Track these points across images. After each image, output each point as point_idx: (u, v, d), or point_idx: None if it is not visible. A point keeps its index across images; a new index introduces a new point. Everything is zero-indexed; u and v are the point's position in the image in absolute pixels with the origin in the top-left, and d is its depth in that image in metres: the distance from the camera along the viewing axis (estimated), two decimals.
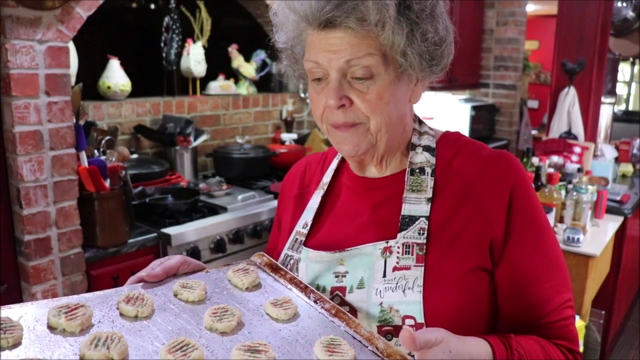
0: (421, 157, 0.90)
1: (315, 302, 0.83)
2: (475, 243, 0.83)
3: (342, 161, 1.01)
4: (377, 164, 0.92)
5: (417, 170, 0.89)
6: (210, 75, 3.20)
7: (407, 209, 0.87)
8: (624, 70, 6.77)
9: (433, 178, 0.88)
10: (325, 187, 0.99)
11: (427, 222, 0.85)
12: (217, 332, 0.75)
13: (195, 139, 2.87)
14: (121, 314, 0.77)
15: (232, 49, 3.32)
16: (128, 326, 0.74)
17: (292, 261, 0.95)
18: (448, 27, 0.85)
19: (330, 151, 1.06)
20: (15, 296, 1.87)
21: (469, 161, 0.89)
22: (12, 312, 0.73)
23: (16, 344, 0.66)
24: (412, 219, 0.85)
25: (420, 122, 0.96)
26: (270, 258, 0.95)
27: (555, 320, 0.85)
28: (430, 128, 0.95)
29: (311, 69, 0.84)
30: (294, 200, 1.04)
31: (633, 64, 6.67)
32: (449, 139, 0.94)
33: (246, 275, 0.89)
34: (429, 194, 0.87)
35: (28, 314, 0.73)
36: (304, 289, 0.86)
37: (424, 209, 0.86)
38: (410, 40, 0.80)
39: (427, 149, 0.91)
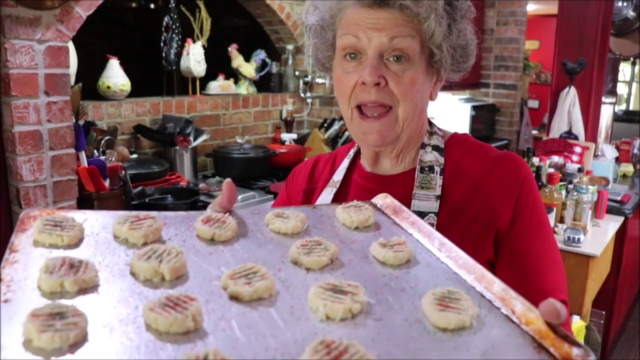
0: (430, 156, 0.93)
1: (439, 249, 0.66)
2: (482, 237, 0.86)
3: (354, 160, 1.03)
4: (395, 157, 0.95)
5: (427, 169, 0.92)
6: (210, 75, 3.20)
7: (416, 205, 0.89)
8: (625, 70, 6.75)
9: (442, 177, 0.91)
10: (338, 186, 1.00)
11: (435, 218, 0.87)
12: (303, 268, 0.61)
13: (195, 139, 2.87)
14: (197, 236, 0.66)
15: (232, 49, 3.31)
16: (199, 247, 0.63)
17: None
18: (473, 33, 0.91)
19: (339, 151, 1.08)
20: None
21: (477, 162, 0.91)
22: (79, 215, 0.66)
23: (70, 245, 0.60)
24: (421, 215, 0.87)
25: (430, 122, 0.99)
26: (394, 200, 0.81)
27: None
28: (439, 129, 0.98)
29: (346, 45, 0.86)
30: (303, 194, 1.05)
31: (633, 63, 6.65)
32: (457, 140, 0.97)
33: (357, 213, 0.74)
34: (438, 192, 0.90)
35: (98, 221, 0.66)
36: (428, 234, 0.70)
37: (433, 205, 0.89)
38: (447, 34, 0.85)
39: (435, 148, 0.94)
